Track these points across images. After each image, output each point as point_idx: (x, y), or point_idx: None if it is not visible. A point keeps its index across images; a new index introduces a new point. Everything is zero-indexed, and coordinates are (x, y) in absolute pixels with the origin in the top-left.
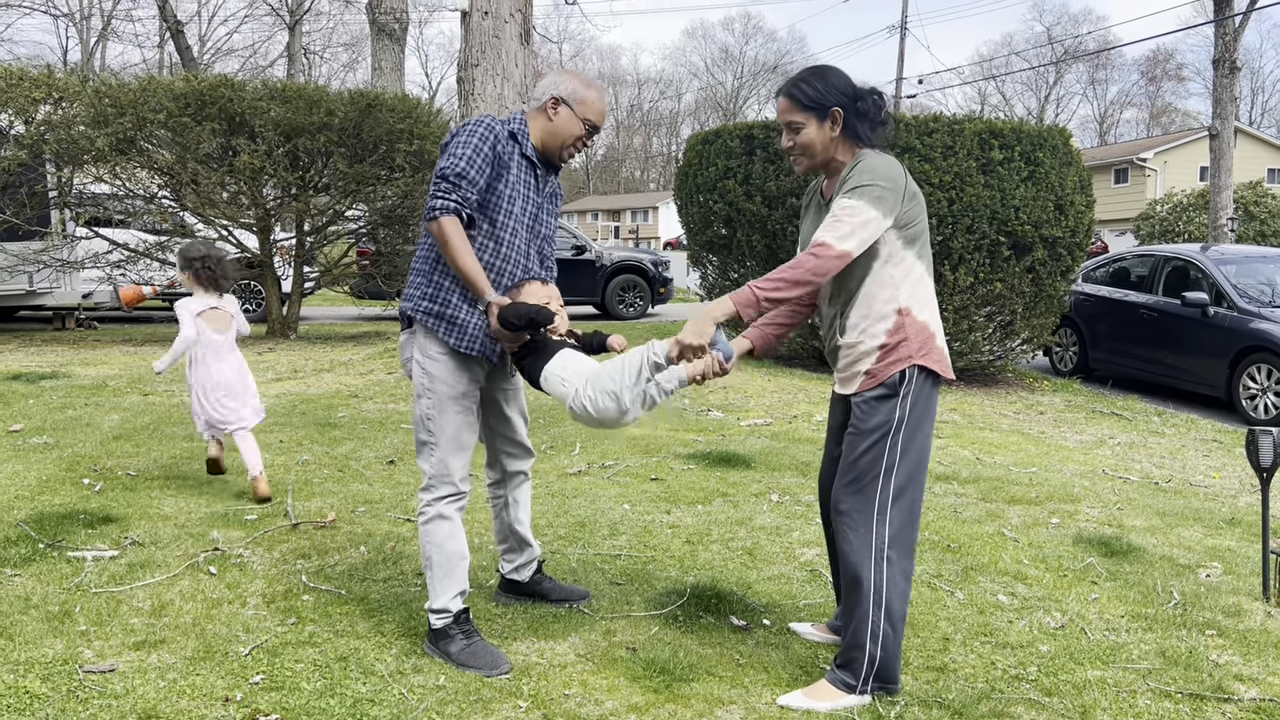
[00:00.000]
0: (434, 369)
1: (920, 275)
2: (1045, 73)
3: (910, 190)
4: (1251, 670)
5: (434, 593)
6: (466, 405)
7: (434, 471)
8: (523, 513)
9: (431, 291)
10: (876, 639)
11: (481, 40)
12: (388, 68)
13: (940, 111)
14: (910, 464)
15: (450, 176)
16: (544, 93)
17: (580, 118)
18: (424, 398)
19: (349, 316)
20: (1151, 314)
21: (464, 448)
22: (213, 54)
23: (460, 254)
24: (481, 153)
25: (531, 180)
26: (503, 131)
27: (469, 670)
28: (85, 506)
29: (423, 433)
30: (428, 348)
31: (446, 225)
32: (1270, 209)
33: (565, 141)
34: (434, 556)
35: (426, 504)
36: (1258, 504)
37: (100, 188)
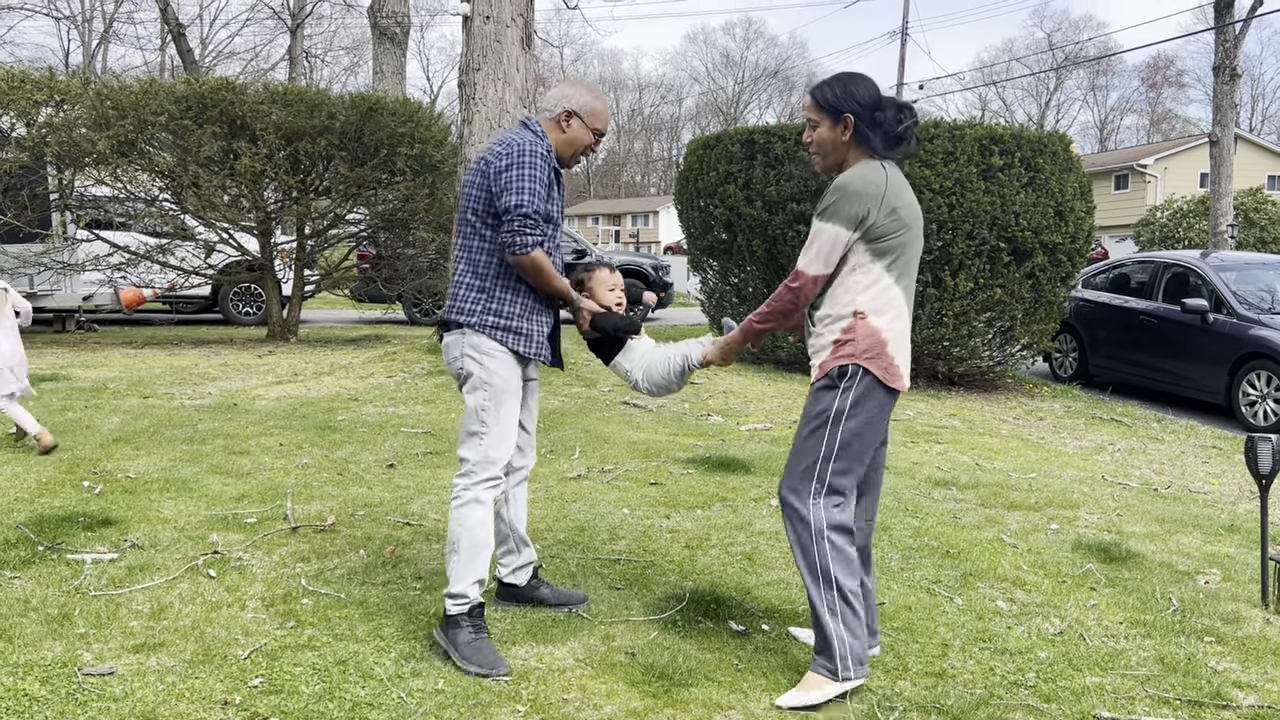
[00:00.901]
0: (492, 364)
1: (887, 286)
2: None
3: (891, 204)
4: (1250, 677)
5: (455, 576)
6: (515, 402)
7: (477, 458)
8: (520, 511)
9: (496, 306)
10: (836, 616)
11: (483, 44)
12: (389, 71)
13: (941, 117)
14: (849, 458)
15: (532, 215)
16: (557, 105)
17: (590, 128)
18: (480, 390)
19: (349, 320)
20: (1151, 320)
21: (509, 439)
22: (214, 57)
23: (552, 279)
24: (543, 180)
25: (559, 186)
26: (545, 151)
27: (468, 664)
28: (85, 509)
29: (475, 424)
30: (483, 346)
31: (539, 259)
32: (1270, 215)
33: (577, 150)
34: (462, 539)
35: (463, 488)
36: (1257, 511)
37: (101, 190)
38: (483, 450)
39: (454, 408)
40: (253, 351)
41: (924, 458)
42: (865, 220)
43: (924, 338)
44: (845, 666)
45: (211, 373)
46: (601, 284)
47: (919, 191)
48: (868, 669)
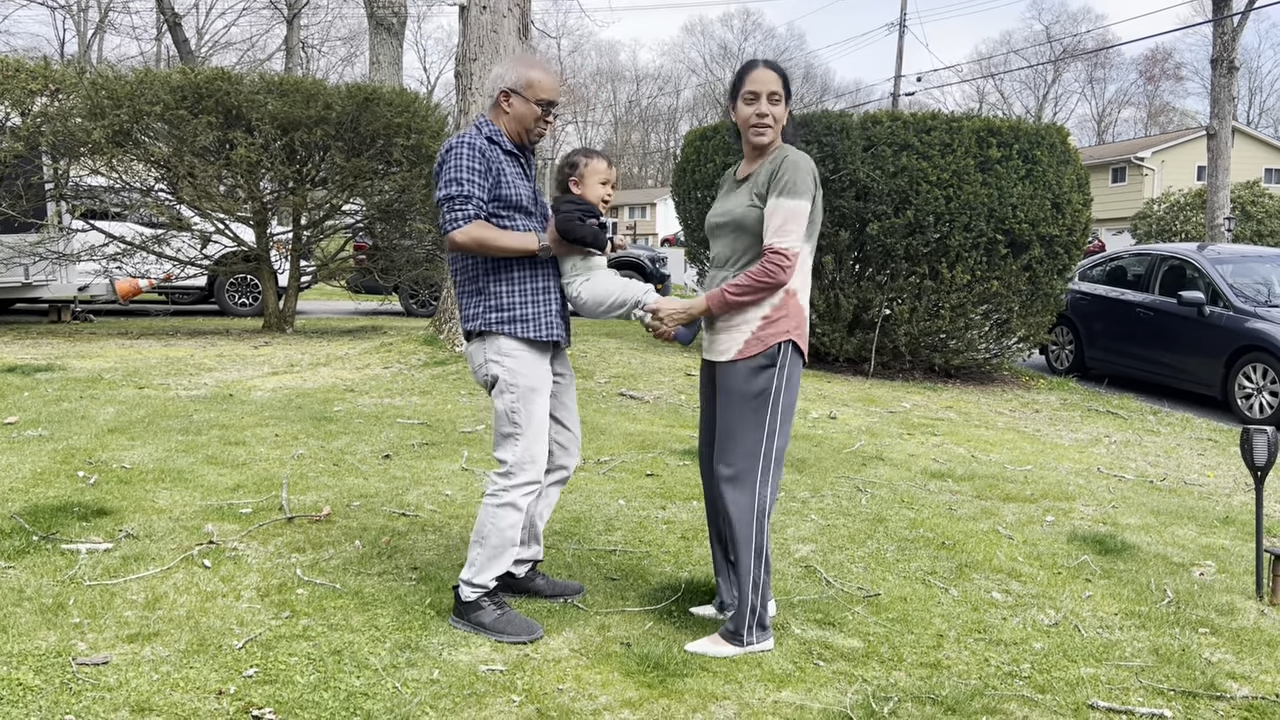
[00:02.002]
0: (514, 364)
1: (808, 264)
2: (1044, 71)
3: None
4: (1244, 668)
5: (477, 568)
6: (545, 398)
7: (516, 459)
8: (546, 509)
9: (496, 301)
10: (758, 589)
11: (480, 34)
12: (386, 61)
13: (938, 109)
14: (784, 432)
15: (456, 198)
16: (494, 89)
17: (533, 101)
18: (507, 393)
19: (345, 311)
20: (1148, 313)
21: (544, 436)
22: (210, 47)
23: (498, 239)
24: (474, 169)
25: (519, 169)
26: (479, 142)
27: (506, 638)
28: (80, 499)
29: (507, 426)
30: (502, 347)
31: (473, 230)
32: (1267, 209)
33: (527, 126)
34: (491, 537)
35: (503, 488)
36: (1251, 503)
37: (96, 180)
38: (519, 450)
39: (450, 399)
40: (248, 342)
41: (920, 450)
42: (815, 198)
43: (921, 330)
44: (750, 635)
45: (207, 363)
46: (594, 174)
47: (916, 184)
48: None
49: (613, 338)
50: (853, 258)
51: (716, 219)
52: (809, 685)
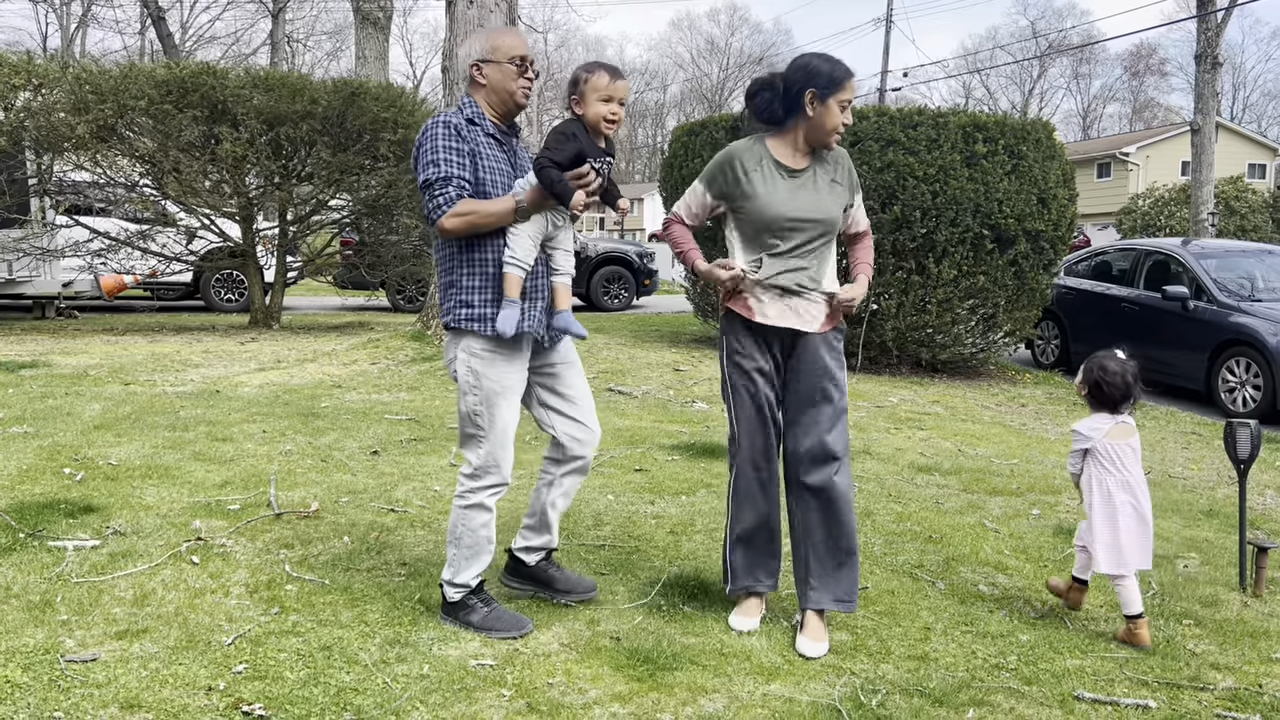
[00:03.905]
0: (479, 366)
1: None
2: (1029, 67)
3: None
4: (1228, 659)
5: (455, 569)
6: (512, 400)
7: (481, 463)
8: (560, 499)
9: (465, 296)
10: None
11: (467, 29)
12: (372, 56)
13: (925, 105)
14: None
15: (435, 181)
16: (464, 67)
17: (504, 61)
18: (469, 394)
19: (332, 307)
20: (1133, 307)
21: (509, 440)
22: (194, 41)
23: (486, 210)
24: (450, 147)
25: (501, 154)
26: (456, 121)
27: (495, 635)
28: (66, 496)
29: (470, 427)
30: (471, 346)
31: (460, 209)
32: (1250, 204)
33: (509, 92)
34: (464, 537)
35: (469, 489)
36: (1235, 496)
37: (81, 175)
38: (484, 454)
39: (438, 395)
40: (235, 338)
41: (907, 444)
42: None
43: (908, 325)
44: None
45: (194, 359)
46: (593, 90)
47: (903, 179)
48: None
49: (601, 333)
50: (839, 252)
51: (809, 214)
52: (798, 678)
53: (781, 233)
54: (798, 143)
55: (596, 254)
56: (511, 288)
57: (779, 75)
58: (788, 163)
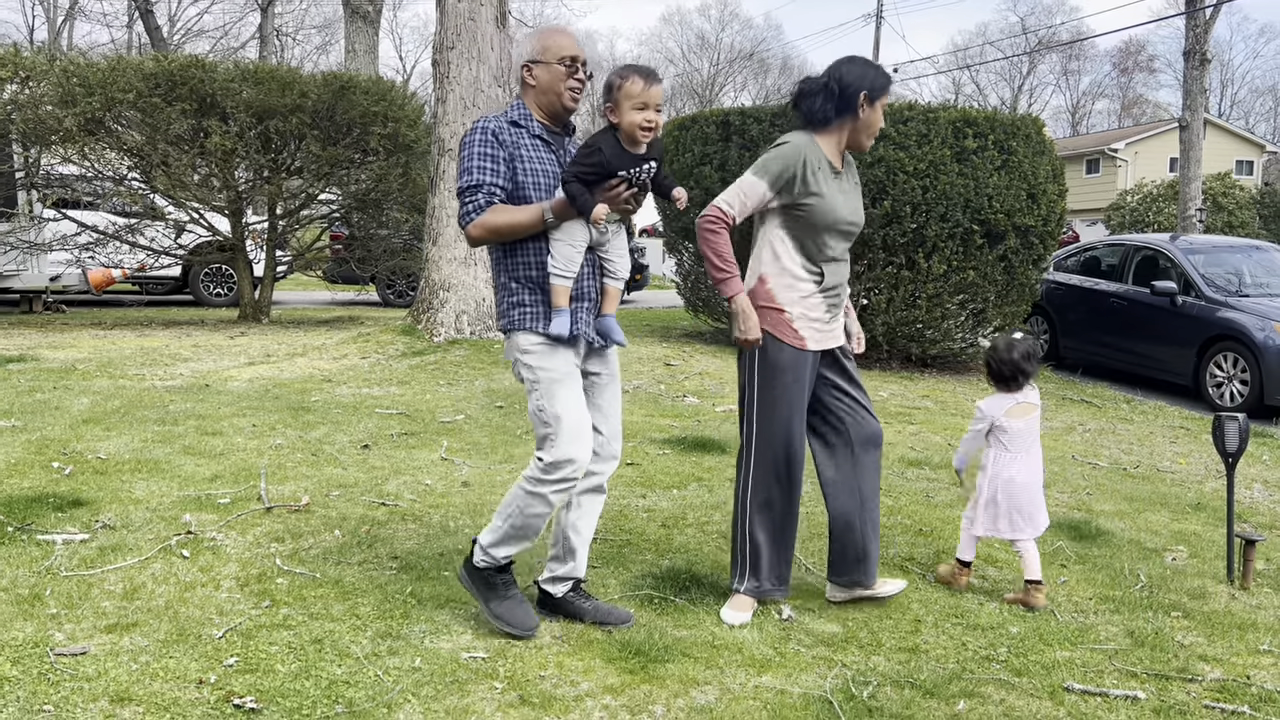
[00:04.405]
0: (533, 360)
1: None
2: (1019, 63)
3: None
4: (1216, 651)
5: (494, 537)
6: (573, 387)
7: (552, 459)
8: (584, 522)
9: (513, 298)
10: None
11: (457, 23)
12: (361, 50)
13: (915, 100)
14: None
15: (466, 190)
16: (516, 68)
17: (554, 62)
18: (533, 391)
19: (322, 301)
20: (1121, 303)
21: (583, 431)
22: (183, 35)
23: (511, 223)
24: (486, 154)
25: (549, 156)
26: (499, 125)
27: (499, 623)
28: (55, 490)
29: (540, 426)
30: (523, 343)
31: (484, 219)
32: (1238, 200)
33: (559, 92)
34: (515, 517)
35: (537, 478)
36: (1223, 489)
37: (68, 169)
38: (557, 450)
39: (429, 389)
40: (224, 332)
41: (897, 438)
42: None
43: (897, 320)
44: None
45: (183, 354)
46: (629, 98)
47: (893, 174)
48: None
49: None
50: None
51: (857, 218)
52: (789, 670)
53: (838, 235)
54: (841, 144)
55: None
56: (558, 297)
57: (833, 77)
58: (835, 164)
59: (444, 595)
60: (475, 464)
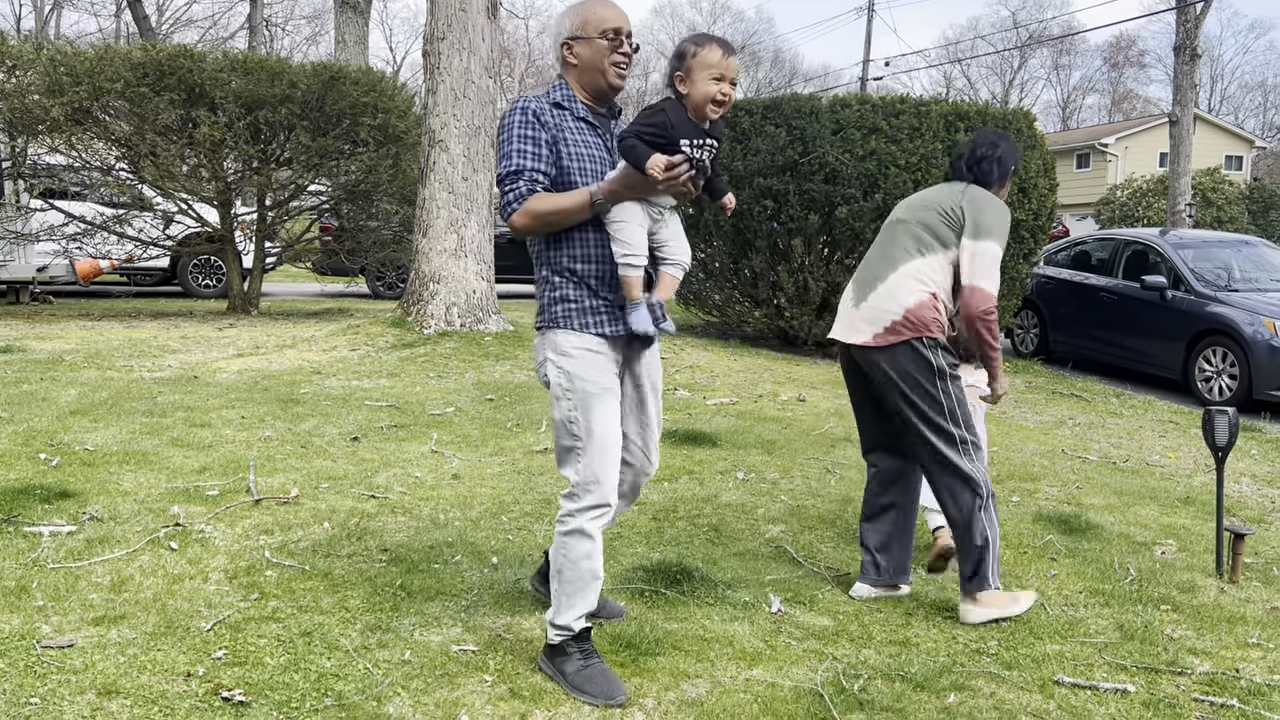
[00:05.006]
0: (571, 366)
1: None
2: (1010, 57)
3: None
4: (1205, 644)
5: (558, 607)
6: (611, 403)
7: (580, 479)
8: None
9: (555, 293)
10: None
11: (448, 13)
12: (351, 41)
13: (907, 94)
14: None
15: (507, 176)
16: (554, 46)
17: (595, 36)
18: (563, 400)
19: (311, 293)
20: (1111, 297)
21: (611, 451)
22: (171, 24)
23: (557, 208)
24: (526, 136)
25: (595, 140)
26: (540, 105)
27: (580, 694)
28: (42, 481)
29: (566, 438)
30: (561, 345)
31: (528, 207)
32: (1227, 195)
33: (602, 69)
34: (565, 570)
35: (569, 513)
36: (1212, 483)
37: (55, 159)
38: (583, 468)
39: (418, 381)
40: (213, 324)
41: None
42: None
43: None
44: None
45: (171, 345)
46: (705, 67)
47: (885, 168)
48: None
49: None
50: (822, 241)
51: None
52: (780, 663)
53: None
54: None
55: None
56: (631, 288)
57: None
58: None
59: (434, 588)
60: (465, 456)
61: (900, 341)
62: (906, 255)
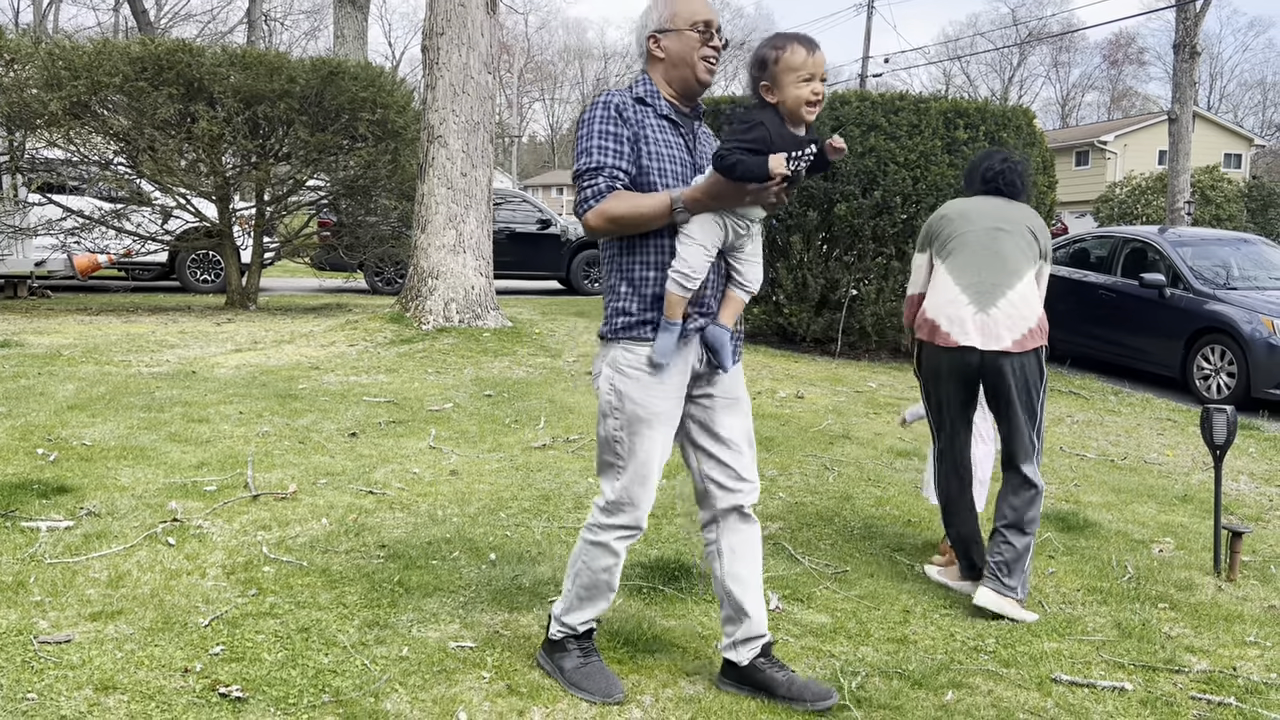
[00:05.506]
0: (624, 385)
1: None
2: (1009, 54)
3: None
4: (1202, 642)
5: (567, 605)
6: (661, 430)
7: (615, 497)
8: (742, 566)
9: (620, 304)
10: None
11: (446, 9)
12: (350, 36)
13: (906, 91)
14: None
15: (585, 172)
16: (640, 40)
17: (685, 29)
18: (610, 417)
19: (309, 288)
20: (1109, 295)
21: (651, 477)
22: (170, 19)
23: (635, 211)
24: (607, 132)
25: (677, 140)
26: (623, 100)
27: (578, 691)
28: (39, 476)
29: (608, 454)
30: (619, 360)
31: (606, 206)
32: (1226, 193)
33: (691, 63)
34: (582, 574)
35: (598, 524)
36: (1209, 481)
37: (54, 153)
38: (619, 488)
39: (417, 377)
40: (211, 319)
41: (886, 428)
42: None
43: (887, 310)
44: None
45: (169, 340)
46: (791, 71)
47: (884, 164)
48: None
49: (582, 316)
50: (820, 238)
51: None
52: None
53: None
54: None
55: (577, 237)
56: (673, 308)
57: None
58: None
59: (431, 584)
60: (463, 452)
61: (1035, 348)
62: (1025, 264)
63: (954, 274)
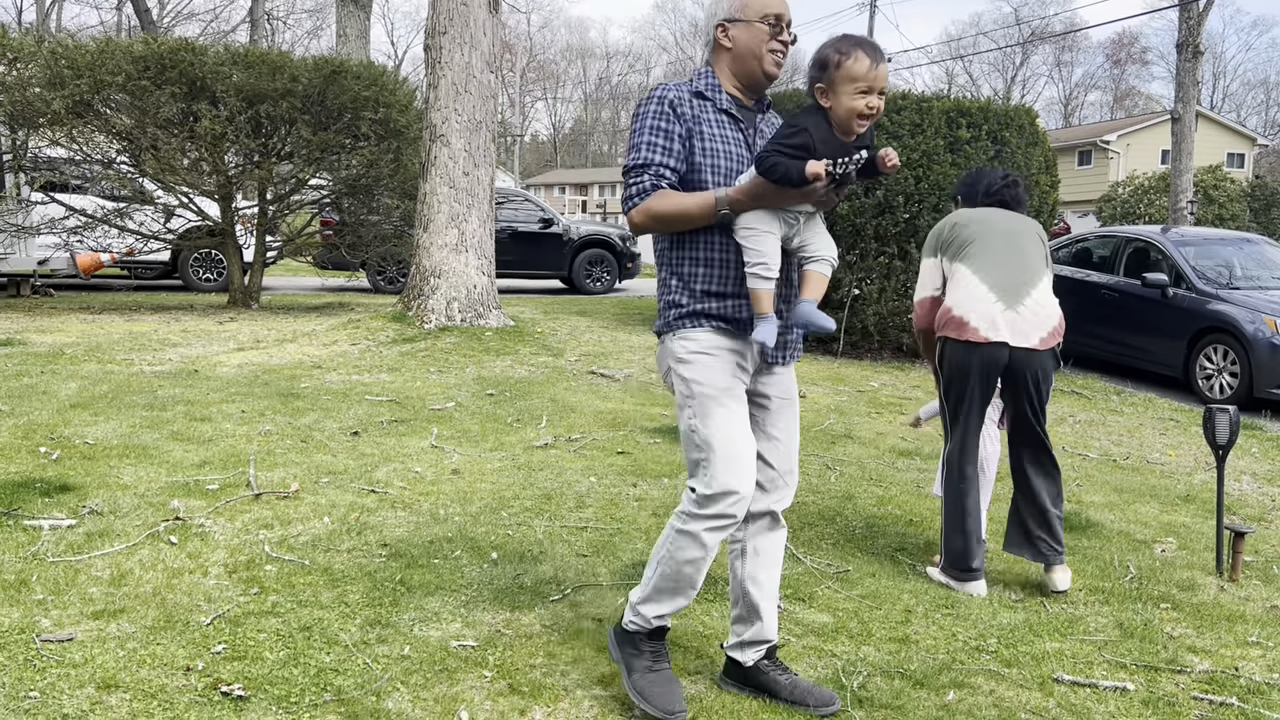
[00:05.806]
0: (689, 372)
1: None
2: (1012, 54)
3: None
4: (1204, 643)
5: (644, 595)
6: (732, 406)
7: (707, 491)
8: (762, 571)
9: (672, 297)
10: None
11: (449, 8)
12: (353, 35)
13: (908, 90)
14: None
15: (632, 169)
16: (708, 29)
17: (755, 20)
18: (685, 407)
19: (312, 287)
20: (1112, 294)
21: (742, 458)
22: (172, 18)
23: (679, 210)
24: (659, 129)
25: (736, 134)
26: (679, 95)
27: (639, 698)
28: (42, 475)
29: (692, 450)
30: (676, 350)
31: (651, 204)
32: (1229, 193)
33: (759, 56)
34: (665, 564)
35: (690, 514)
36: (1212, 481)
37: (56, 152)
38: (709, 478)
39: (419, 376)
40: (214, 318)
41: (888, 428)
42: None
43: (889, 310)
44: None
45: (171, 339)
46: (850, 80)
47: None
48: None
49: (584, 316)
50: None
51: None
52: None
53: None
54: None
55: (579, 237)
56: (761, 302)
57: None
58: None
59: (433, 583)
60: (465, 451)
61: (1055, 345)
62: (1043, 267)
63: (979, 273)
